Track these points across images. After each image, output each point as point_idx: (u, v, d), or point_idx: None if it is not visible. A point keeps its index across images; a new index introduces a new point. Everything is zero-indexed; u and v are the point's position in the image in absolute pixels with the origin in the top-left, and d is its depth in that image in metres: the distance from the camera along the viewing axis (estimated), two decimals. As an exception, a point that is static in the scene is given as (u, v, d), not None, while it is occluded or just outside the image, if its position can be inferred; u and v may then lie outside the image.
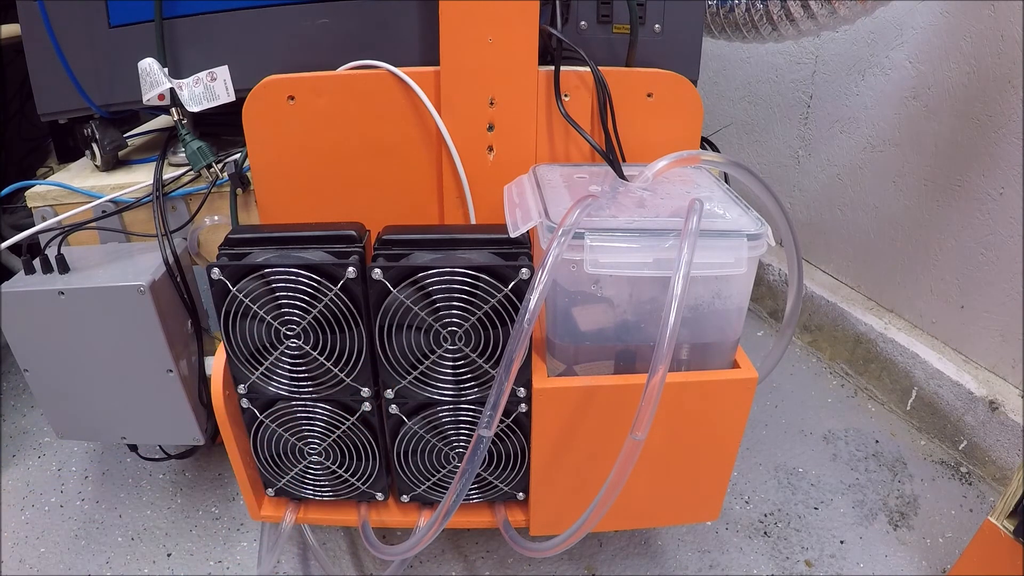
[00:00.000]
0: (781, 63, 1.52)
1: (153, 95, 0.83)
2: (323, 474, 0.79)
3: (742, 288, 0.68)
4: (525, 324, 0.58)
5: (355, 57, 0.78)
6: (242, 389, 0.73)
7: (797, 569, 1.00)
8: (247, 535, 1.04)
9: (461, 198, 0.81)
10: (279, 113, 0.76)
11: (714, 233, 0.63)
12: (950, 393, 1.20)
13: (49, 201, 0.89)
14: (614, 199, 0.71)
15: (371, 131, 0.78)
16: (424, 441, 0.76)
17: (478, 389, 0.71)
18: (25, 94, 1.62)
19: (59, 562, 1.01)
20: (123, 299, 0.79)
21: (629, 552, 1.02)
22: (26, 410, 1.33)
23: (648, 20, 0.83)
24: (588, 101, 0.80)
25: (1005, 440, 1.12)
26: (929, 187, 1.24)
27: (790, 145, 1.56)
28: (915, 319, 1.33)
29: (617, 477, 0.59)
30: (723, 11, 1.07)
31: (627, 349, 0.70)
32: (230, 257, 0.67)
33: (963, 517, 1.09)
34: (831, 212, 1.48)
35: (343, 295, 0.66)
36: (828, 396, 1.37)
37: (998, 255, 1.13)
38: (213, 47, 0.83)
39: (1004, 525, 0.77)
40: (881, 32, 1.27)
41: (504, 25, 0.73)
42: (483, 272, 0.65)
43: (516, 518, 0.81)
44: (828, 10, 0.95)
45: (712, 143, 0.96)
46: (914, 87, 1.23)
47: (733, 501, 1.11)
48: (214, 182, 0.86)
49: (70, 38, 0.85)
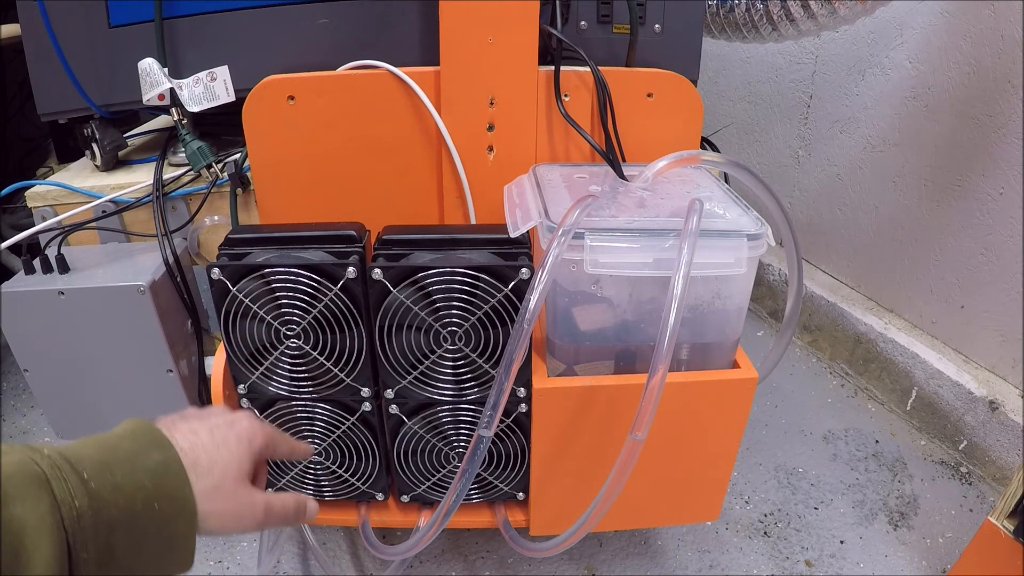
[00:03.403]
0: (781, 63, 1.52)
1: (153, 95, 0.83)
2: (323, 474, 0.79)
3: (742, 288, 0.68)
4: (525, 324, 0.58)
5: (355, 57, 0.78)
6: (242, 389, 0.73)
7: (797, 569, 1.00)
8: (247, 535, 1.04)
9: (461, 198, 0.81)
10: (279, 113, 0.76)
11: (714, 233, 0.63)
12: (950, 393, 1.20)
13: (49, 201, 0.89)
14: (614, 199, 0.71)
15: (371, 131, 0.78)
16: (424, 441, 0.76)
17: (478, 389, 0.71)
18: (25, 94, 1.62)
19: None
20: (123, 299, 0.79)
21: (629, 552, 1.02)
22: (26, 410, 1.33)
23: (648, 20, 0.83)
24: (588, 101, 0.80)
25: (1005, 440, 1.12)
26: (929, 187, 1.24)
27: (790, 145, 1.56)
28: (915, 319, 1.33)
29: (617, 477, 0.59)
30: (723, 11, 1.07)
31: (627, 349, 0.70)
32: (230, 257, 0.67)
33: (963, 517, 1.09)
34: (831, 212, 1.48)
35: (343, 295, 0.66)
36: (828, 396, 1.37)
37: (998, 255, 1.13)
38: (213, 47, 0.83)
39: (1004, 525, 0.77)
40: (881, 32, 1.27)
41: (504, 25, 0.73)
42: (483, 272, 0.65)
43: (516, 518, 0.81)
44: (828, 10, 0.95)
45: (712, 143, 0.96)
46: (914, 87, 1.23)
47: (733, 501, 1.12)
48: (214, 182, 0.86)
49: (70, 38, 0.85)
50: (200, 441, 0.47)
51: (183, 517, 0.43)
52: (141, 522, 0.41)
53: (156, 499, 0.41)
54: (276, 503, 0.51)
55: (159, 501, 0.42)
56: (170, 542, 0.43)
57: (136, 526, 0.41)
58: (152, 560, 0.42)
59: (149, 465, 0.42)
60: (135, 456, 0.42)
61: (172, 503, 0.43)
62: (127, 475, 0.41)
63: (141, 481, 0.41)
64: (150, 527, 0.41)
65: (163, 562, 0.43)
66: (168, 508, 0.42)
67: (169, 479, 0.43)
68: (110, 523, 0.39)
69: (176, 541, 0.43)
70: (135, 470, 0.41)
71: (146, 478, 0.42)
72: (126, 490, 0.40)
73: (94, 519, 0.38)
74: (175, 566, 0.44)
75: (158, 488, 0.42)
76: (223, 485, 0.46)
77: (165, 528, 0.42)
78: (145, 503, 0.41)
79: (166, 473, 0.43)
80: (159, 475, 0.42)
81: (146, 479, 0.42)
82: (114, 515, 0.39)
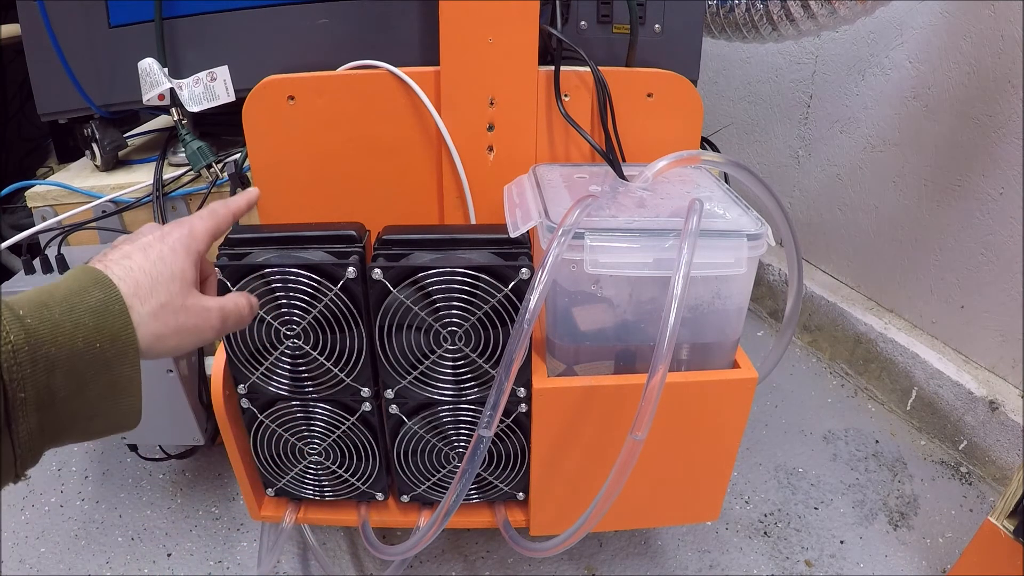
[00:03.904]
0: (781, 63, 1.52)
1: (153, 95, 0.83)
2: (323, 474, 0.79)
3: (742, 288, 0.68)
4: (525, 324, 0.58)
5: (355, 57, 0.78)
6: (242, 389, 0.73)
7: (797, 569, 1.00)
8: (247, 535, 1.04)
9: (461, 198, 0.81)
10: (279, 113, 0.76)
11: (714, 233, 0.63)
12: (950, 393, 1.20)
13: (49, 201, 0.89)
14: (614, 199, 0.71)
15: (371, 131, 0.78)
16: (424, 441, 0.76)
17: (478, 389, 0.71)
18: (25, 94, 1.62)
19: (59, 562, 1.01)
20: (123, 299, 0.79)
21: (629, 552, 1.02)
22: (26, 410, 1.33)
23: (648, 20, 0.83)
24: (588, 101, 0.80)
25: (1005, 440, 1.12)
26: (929, 187, 1.24)
27: (790, 145, 1.56)
28: (915, 319, 1.33)
29: (617, 477, 0.59)
30: (723, 11, 1.07)
31: (627, 349, 0.70)
32: (230, 257, 0.67)
33: (963, 517, 1.09)
34: (831, 212, 1.48)
35: (343, 295, 0.66)
36: (828, 396, 1.37)
37: (998, 255, 1.13)
38: (213, 47, 0.83)
39: (1004, 525, 0.77)
40: (881, 32, 1.27)
41: (504, 25, 0.73)
42: (483, 272, 0.65)
43: (516, 518, 0.81)
44: (828, 10, 0.95)
45: (712, 143, 0.96)
46: (914, 87, 1.23)
47: (733, 501, 1.11)
48: (214, 182, 0.86)
49: (70, 38, 0.85)
50: (136, 264, 0.44)
51: (127, 359, 0.41)
52: (82, 363, 0.39)
53: (98, 339, 0.40)
54: (229, 304, 0.50)
55: (101, 341, 0.40)
56: (113, 387, 0.41)
57: (77, 367, 0.38)
58: (95, 406, 0.40)
59: (90, 303, 0.40)
60: (74, 295, 0.40)
61: (114, 343, 0.41)
62: (66, 313, 0.39)
63: (81, 319, 0.39)
64: (91, 369, 0.39)
65: (108, 410, 0.41)
66: (110, 349, 0.40)
67: (110, 318, 0.41)
68: (49, 361, 0.37)
69: (120, 386, 0.41)
70: (74, 308, 0.39)
71: (86, 316, 0.40)
72: (65, 327, 0.38)
73: (31, 355, 0.36)
74: (120, 415, 0.42)
75: (99, 328, 0.40)
76: (171, 301, 0.44)
77: (107, 371, 0.40)
78: (86, 341, 0.39)
79: (106, 312, 0.41)
80: (100, 313, 0.40)
81: (86, 317, 0.39)
82: (53, 353, 0.37)
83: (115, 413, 0.42)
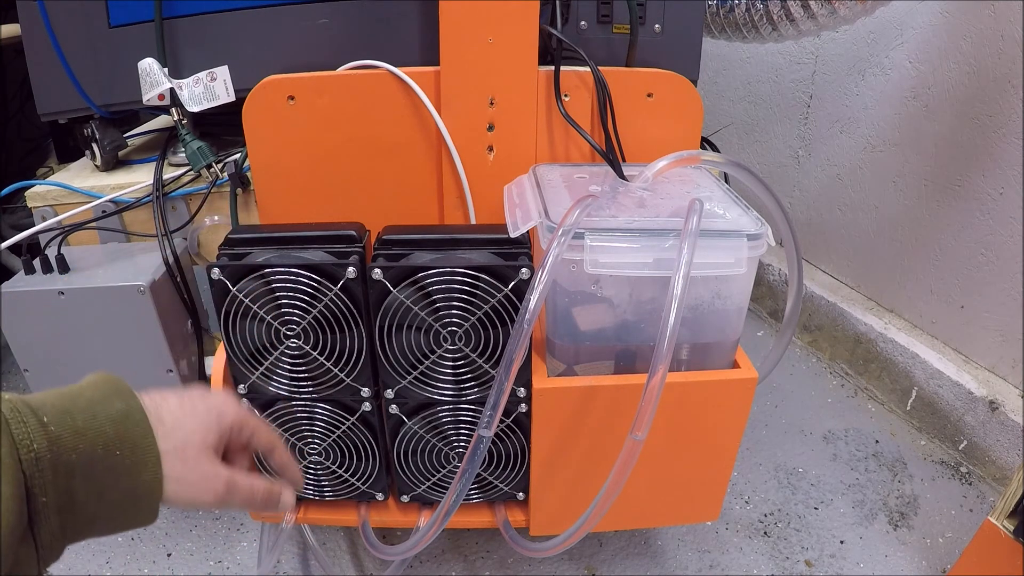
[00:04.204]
0: (781, 63, 1.52)
1: (153, 95, 0.83)
2: (323, 474, 0.79)
3: (742, 288, 0.68)
4: (525, 324, 0.58)
5: (355, 57, 0.78)
6: (242, 389, 0.73)
7: (797, 569, 1.00)
8: (247, 535, 1.04)
9: (461, 198, 0.81)
10: (279, 113, 0.76)
11: (714, 233, 0.63)
12: (950, 393, 1.20)
13: (49, 201, 0.89)
14: (614, 199, 0.71)
15: (371, 131, 0.78)
16: (424, 441, 0.76)
17: (478, 389, 0.71)
18: (25, 94, 1.62)
19: (59, 562, 1.01)
20: (123, 299, 0.79)
21: (629, 552, 1.02)
22: (26, 410, 1.33)
23: (648, 20, 0.83)
24: (588, 101, 0.80)
25: (1005, 440, 1.12)
26: (929, 187, 1.24)
27: (790, 145, 1.56)
28: (915, 319, 1.33)
29: (617, 477, 0.59)
30: (723, 11, 1.07)
31: (627, 349, 0.70)
32: (230, 257, 0.67)
33: (963, 517, 1.09)
34: (831, 212, 1.48)
35: (343, 295, 0.66)
36: (828, 396, 1.37)
37: (998, 255, 1.13)
38: (213, 47, 0.83)
39: (1004, 525, 0.77)
40: (881, 32, 1.27)
41: (504, 25, 0.73)
42: (483, 272, 0.65)
43: (516, 518, 0.81)
44: (828, 10, 0.95)
45: (712, 143, 0.96)
46: (914, 87, 1.23)
47: (733, 501, 1.12)
48: (214, 182, 0.86)
49: (70, 38, 0.85)
50: (167, 404, 0.45)
51: (147, 467, 0.42)
52: (102, 468, 0.40)
53: (118, 446, 0.40)
54: (242, 482, 0.48)
55: (121, 448, 0.40)
56: (133, 491, 0.41)
57: (97, 472, 0.39)
58: (115, 509, 0.41)
59: (111, 412, 0.41)
60: (97, 403, 0.41)
61: (134, 451, 0.41)
62: (88, 421, 0.40)
63: (102, 427, 0.40)
64: (112, 475, 0.40)
65: (127, 512, 0.42)
66: (130, 456, 0.41)
67: (131, 427, 0.42)
68: (70, 467, 0.38)
69: (140, 491, 0.42)
70: (96, 416, 0.40)
71: (107, 425, 0.40)
72: (87, 435, 0.39)
73: (53, 462, 0.37)
74: (139, 517, 0.43)
75: (120, 436, 0.41)
76: (185, 450, 0.45)
77: (128, 476, 0.41)
78: (106, 448, 0.40)
79: (127, 421, 0.42)
80: (120, 422, 0.41)
81: (107, 426, 0.40)
82: (74, 460, 0.38)
83: (134, 516, 0.43)
